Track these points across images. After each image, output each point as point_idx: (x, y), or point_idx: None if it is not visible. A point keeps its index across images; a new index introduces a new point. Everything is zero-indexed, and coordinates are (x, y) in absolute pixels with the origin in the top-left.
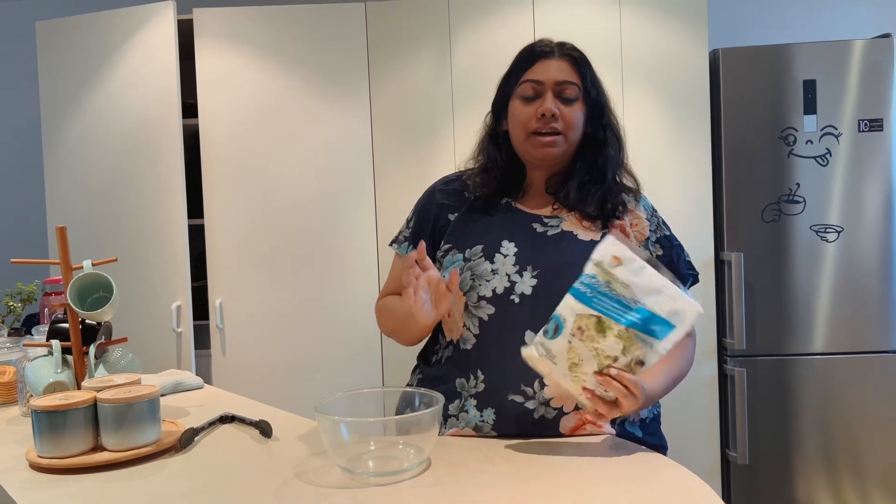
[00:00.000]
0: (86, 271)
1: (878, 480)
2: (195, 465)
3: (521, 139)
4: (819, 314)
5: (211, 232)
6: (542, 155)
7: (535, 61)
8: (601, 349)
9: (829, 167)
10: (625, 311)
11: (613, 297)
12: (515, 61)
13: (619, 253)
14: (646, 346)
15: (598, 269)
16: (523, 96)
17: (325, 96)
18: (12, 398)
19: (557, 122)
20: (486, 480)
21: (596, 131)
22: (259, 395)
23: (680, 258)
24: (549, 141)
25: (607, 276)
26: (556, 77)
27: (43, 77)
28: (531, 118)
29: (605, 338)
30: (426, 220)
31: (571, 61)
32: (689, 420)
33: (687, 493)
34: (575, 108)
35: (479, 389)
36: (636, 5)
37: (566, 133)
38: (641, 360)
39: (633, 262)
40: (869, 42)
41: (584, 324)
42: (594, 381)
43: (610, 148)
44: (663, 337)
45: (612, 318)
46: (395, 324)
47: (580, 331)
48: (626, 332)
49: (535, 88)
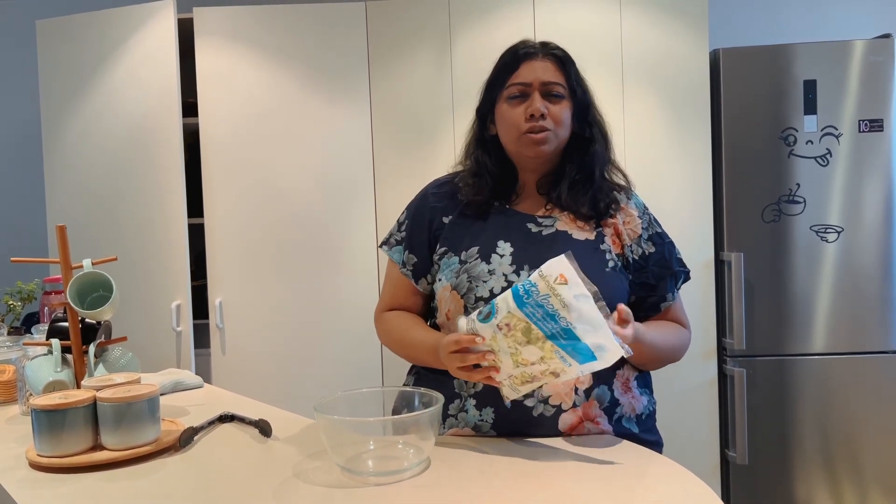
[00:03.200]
0: (85, 270)
1: (877, 480)
2: (195, 465)
3: (513, 140)
4: (819, 314)
5: (211, 231)
6: (535, 153)
7: (519, 63)
8: (520, 351)
9: (830, 167)
10: (553, 325)
11: (548, 309)
12: (499, 65)
13: (568, 275)
14: (564, 363)
15: (542, 282)
16: (511, 98)
17: (325, 95)
18: (12, 397)
19: (546, 120)
20: (485, 480)
21: (582, 129)
22: (258, 394)
23: (672, 255)
24: (541, 138)
25: (548, 290)
26: (541, 77)
27: (43, 76)
28: (521, 119)
29: (529, 343)
30: (421, 225)
31: (556, 60)
32: (688, 420)
33: (686, 493)
34: (562, 105)
35: (477, 389)
36: (637, 5)
37: (556, 130)
38: (556, 373)
39: (577, 287)
40: (869, 42)
41: (513, 323)
42: (505, 374)
43: (597, 145)
44: (583, 363)
45: (539, 328)
46: (408, 353)
47: (507, 327)
48: (549, 344)
49: (522, 90)
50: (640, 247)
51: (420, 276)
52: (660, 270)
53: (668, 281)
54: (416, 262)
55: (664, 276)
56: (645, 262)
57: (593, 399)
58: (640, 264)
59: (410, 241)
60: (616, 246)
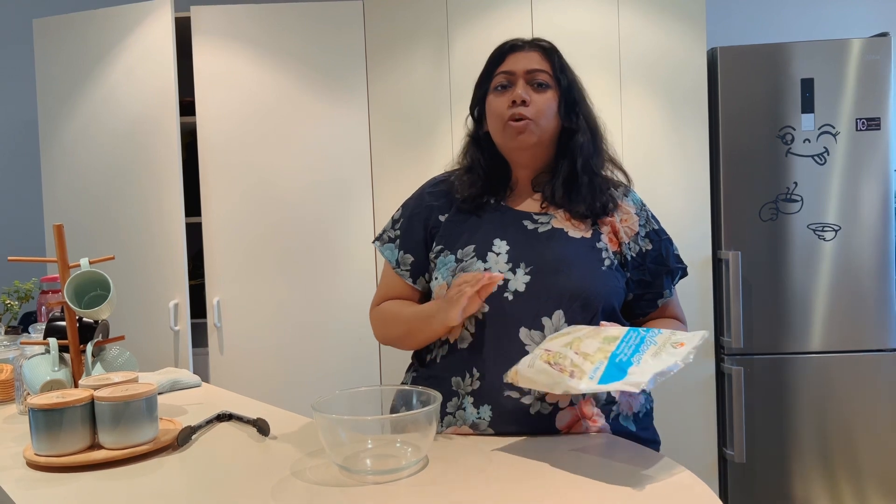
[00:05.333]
0: (83, 269)
1: (875, 478)
2: (192, 464)
3: (499, 131)
4: (816, 313)
5: (208, 230)
6: (517, 143)
7: (505, 56)
8: (583, 340)
9: (827, 166)
10: (629, 344)
11: (643, 339)
12: (487, 61)
13: (688, 345)
14: (592, 369)
15: (663, 337)
16: (496, 87)
17: (323, 94)
18: (9, 396)
19: (528, 108)
20: (483, 478)
21: (570, 119)
22: (256, 393)
23: (669, 252)
24: (521, 126)
25: (663, 341)
26: (526, 66)
27: (40, 74)
28: (504, 107)
29: (596, 338)
30: (418, 224)
31: (541, 51)
32: (686, 418)
33: (684, 492)
34: (547, 94)
35: (475, 387)
36: (634, 4)
37: (537, 119)
38: (572, 374)
39: (680, 357)
40: (866, 41)
41: (551, 345)
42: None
43: (580, 135)
44: (602, 382)
45: (618, 341)
46: (404, 329)
47: (547, 352)
48: (609, 346)
49: (508, 78)
50: (638, 244)
51: (418, 275)
52: (657, 267)
53: (665, 277)
54: (413, 261)
55: (661, 272)
56: (642, 259)
57: (590, 397)
58: (638, 262)
59: (406, 240)
60: (613, 244)
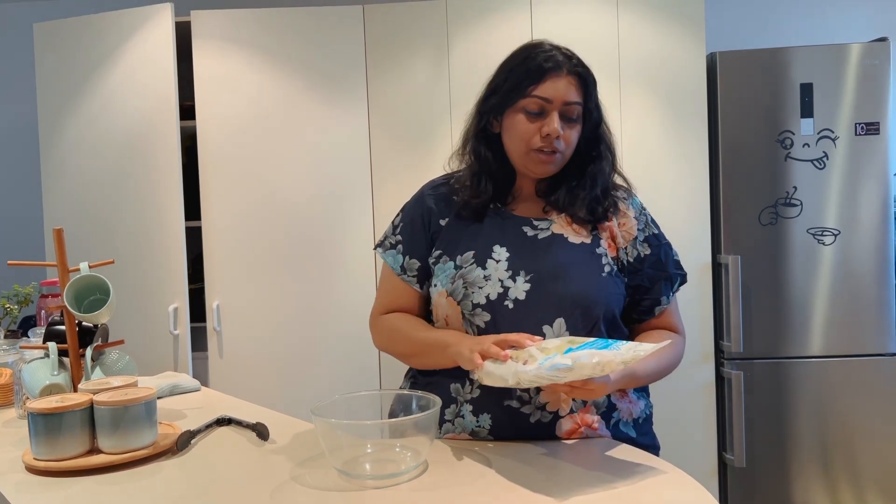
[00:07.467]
0: (83, 273)
1: (875, 483)
2: (191, 468)
3: (521, 153)
4: (816, 317)
5: (208, 234)
6: (542, 172)
7: (543, 76)
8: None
9: (826, 170)
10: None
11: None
12: (521, 73)
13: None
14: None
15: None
16: (528, 111)
17: (323, 99)
18: (8, 400)
19: (559, 142)
20: (483, 483)
21: (591, 147)
22: (256, 397)
23: (668, 257)
24: (549, 159)
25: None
26: (564, 97)
27: (40, 79)
28: (534, 135)
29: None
30: (419, 229)
31: (579, 80)
32: (686, 423)
33: (684, 496)
34: (576, 128)
35: (474, 395)
36: (634, 9)
37: (565, 152)
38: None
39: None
40: (865, 45)
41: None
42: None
43: (604, 163)
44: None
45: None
46: (412, 349)
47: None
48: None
49: (542, 106)
50: (636, 249)
51: (424, 281)
52: (655, 273)
53: (663, 284)
54: (420, 266)
55: (659, 278)
56: (640, 264)
57: (590, 404)
58: (636, 267)
59: (411, 246)
60: (611, 249)
